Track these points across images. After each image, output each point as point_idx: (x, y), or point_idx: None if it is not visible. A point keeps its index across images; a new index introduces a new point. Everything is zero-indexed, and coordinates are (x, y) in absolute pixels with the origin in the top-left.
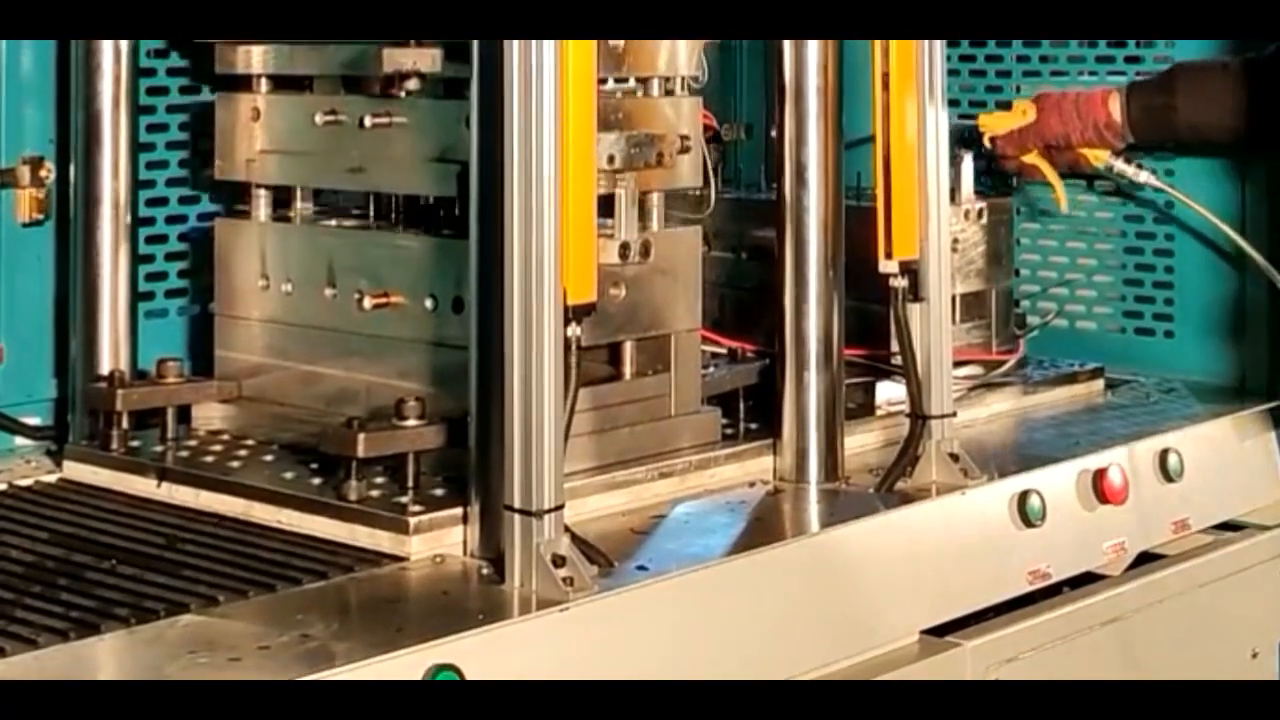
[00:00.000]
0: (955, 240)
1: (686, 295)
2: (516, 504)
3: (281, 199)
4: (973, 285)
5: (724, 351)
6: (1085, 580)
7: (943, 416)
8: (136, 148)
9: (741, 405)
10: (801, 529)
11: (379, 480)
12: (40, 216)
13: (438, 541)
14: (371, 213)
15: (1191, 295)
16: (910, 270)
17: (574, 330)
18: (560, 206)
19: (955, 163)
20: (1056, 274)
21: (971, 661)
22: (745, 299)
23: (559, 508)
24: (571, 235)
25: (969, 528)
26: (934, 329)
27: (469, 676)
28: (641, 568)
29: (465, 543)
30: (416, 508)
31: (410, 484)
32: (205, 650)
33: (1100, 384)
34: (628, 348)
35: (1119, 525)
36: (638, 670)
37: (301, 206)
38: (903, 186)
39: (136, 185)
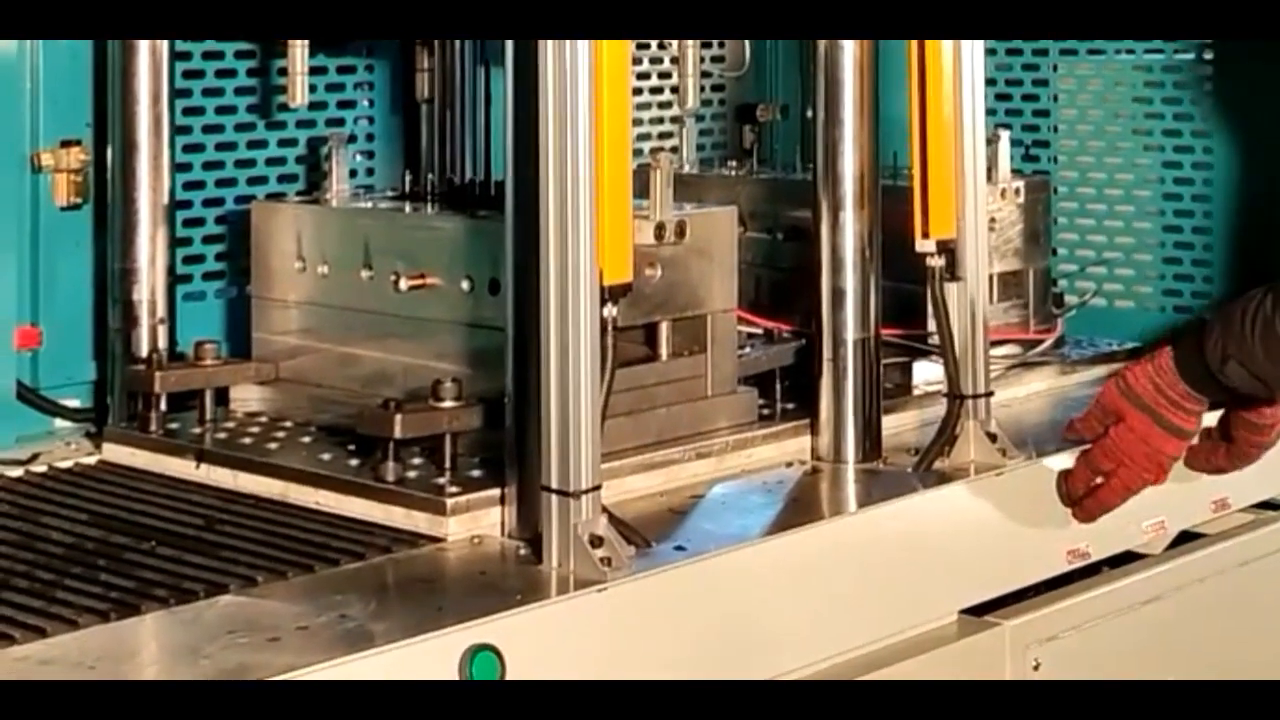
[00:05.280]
0: (992, 219)
1: (722, 275)
2: (554, 484)
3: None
4: (1010, 265)
5: (760, 332)
6: (1125, 559)
7: (980, 396)
8: (174, 131)
9: (778, 386)
10: (839, 509)
11: (416, 461)
12: (78, 200)
13: (475, 522)
14: (406, 192)
15: (1231, 273)
16: (947, 249)
17: (610, 310)
18: (596, 186)
19: (992, 142)
20: (1094, 253)
21: (1011, 641)
22: (781, 280)
23: (596, 488)
24: (607, 215)
25: (1007, 507)
26: (971, 308)
27: (507, 657)
28: (679, 548)
29: (503, 523)
30: (454, 489)
31: (447, 465)
32: (245, 631)
33: None
34: (664, 328)
35: (1158, 504)
36: (675, 650)
37: (338, 188)
38: (939, 165)
39: (174, 168)
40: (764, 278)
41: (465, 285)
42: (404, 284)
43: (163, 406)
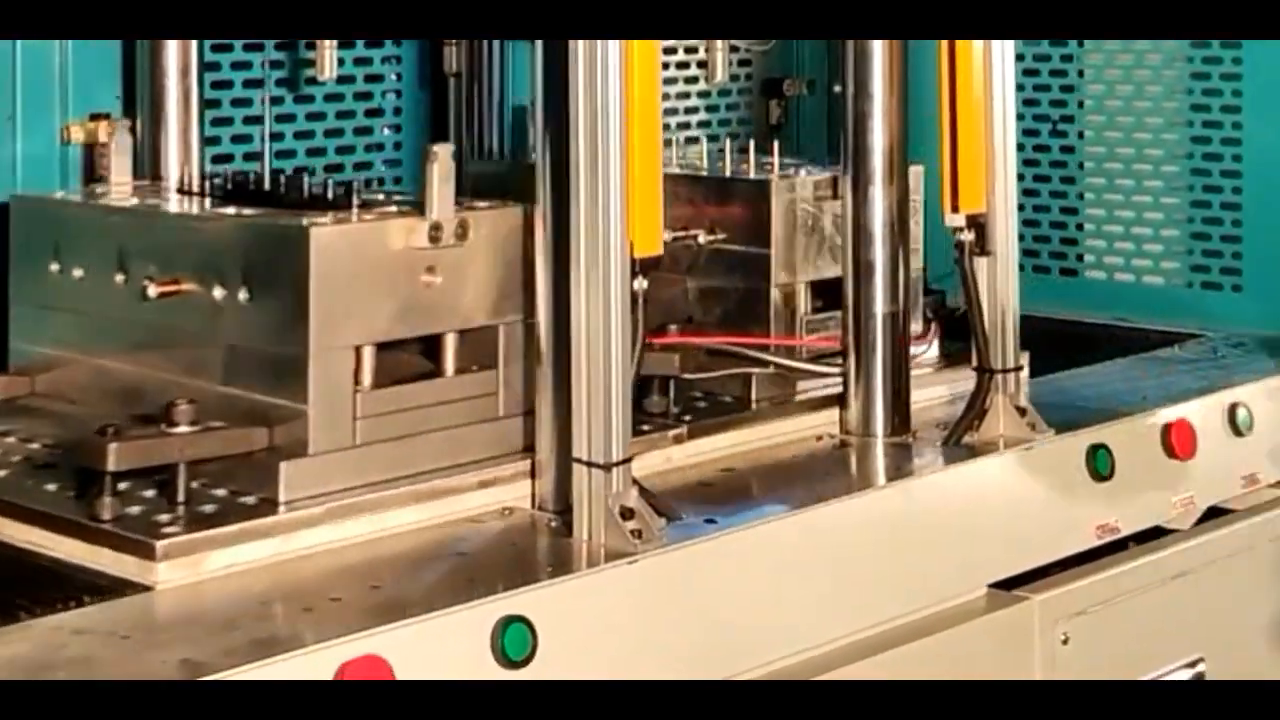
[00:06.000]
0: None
1: (516, 281)
2: (586, 457)
3: None
4: None
5: None
6: (1153, 535)
7: (1010, 370)
8: (202, 104)
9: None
10: (869, 482)
11: (149, 494)
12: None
13: (194, 567)
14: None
15: (1259, 249)
16: (977, 223)
17: (641, 283)
18: (626, 158)
19: None
20: (1122, 229)
21: (1039, 615)
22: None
23: (627, 460)
24: (637, 188)
25: (1037, 481)
26: (1001, 282)
27: (538, 628)
28: (710, 520)
29: (533, 495)
30: (172, 529)
31: (180, 499)
32: (279, 599)
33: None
34: (448, 342)
35: (1188, 479)
36: (704, 622)
37: (117, 181)
38: (969, 138)
39: (203, 142)
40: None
41: (219, 293)
42: (153, 290)
43: None
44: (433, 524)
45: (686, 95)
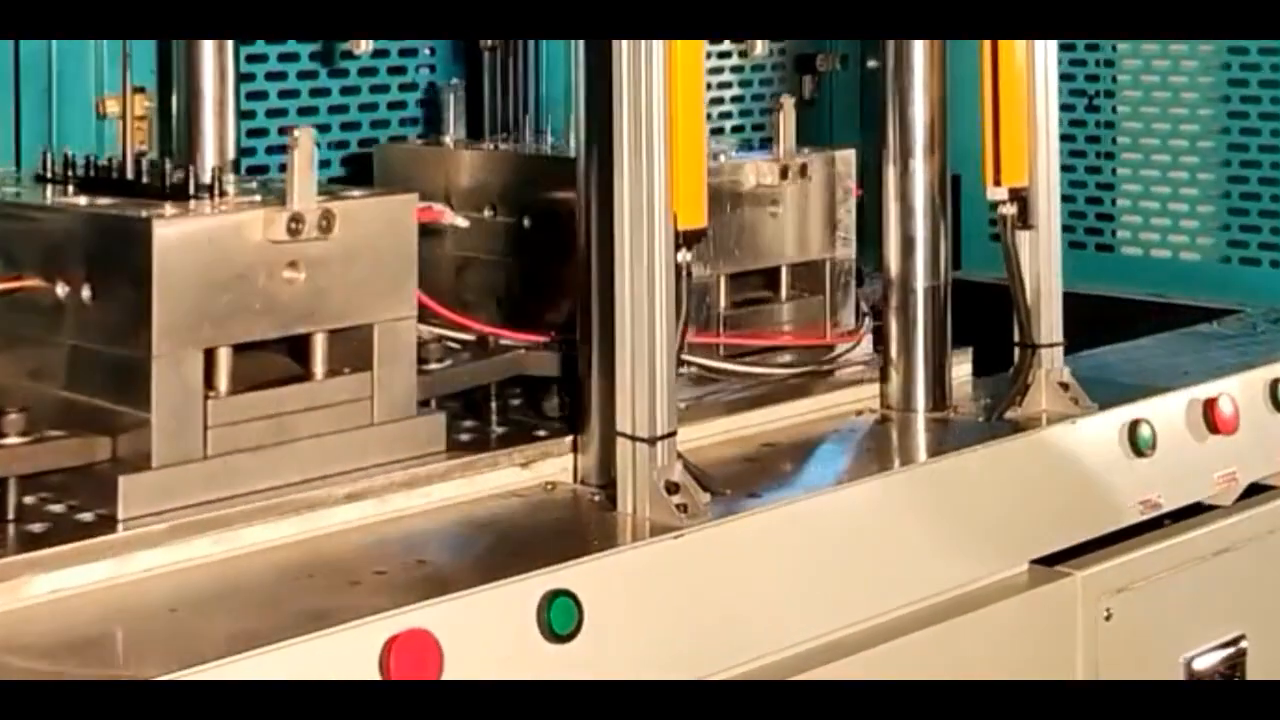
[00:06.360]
0: (774, 202)
1: (394, 276)
2: (631, 430)
3: None
4: (801, 253)
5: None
6: (1195, 511)
7: (1052, 345)
8: (238, 78)
9: (493, 405)
10: (911, 457)
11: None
12: (143, 148)
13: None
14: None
15: None
16: (1019, 197)
17: (685, 256)
18: (669, 130)
19: (774, 110)
20: (1158, 204)
21: (1082, 591)
22: (532, 275)
23: (672, 434)
24: (680, 160)
25: (1079, 457)
26: (1043, 257)
27: (584, 602)
28: (753, 495)
29: (575, 469)
30: None
31: (10, 516)
32: (323, 573)
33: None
34: (317, 342)
35: (1230, 455)
36: (748, 597)
37: None
38: (1012, 110)
39: (239, 115)
40: (512, 272)
41: (62, 290)
42: None
43: None
44: (473, 499)
45: (720, 70)
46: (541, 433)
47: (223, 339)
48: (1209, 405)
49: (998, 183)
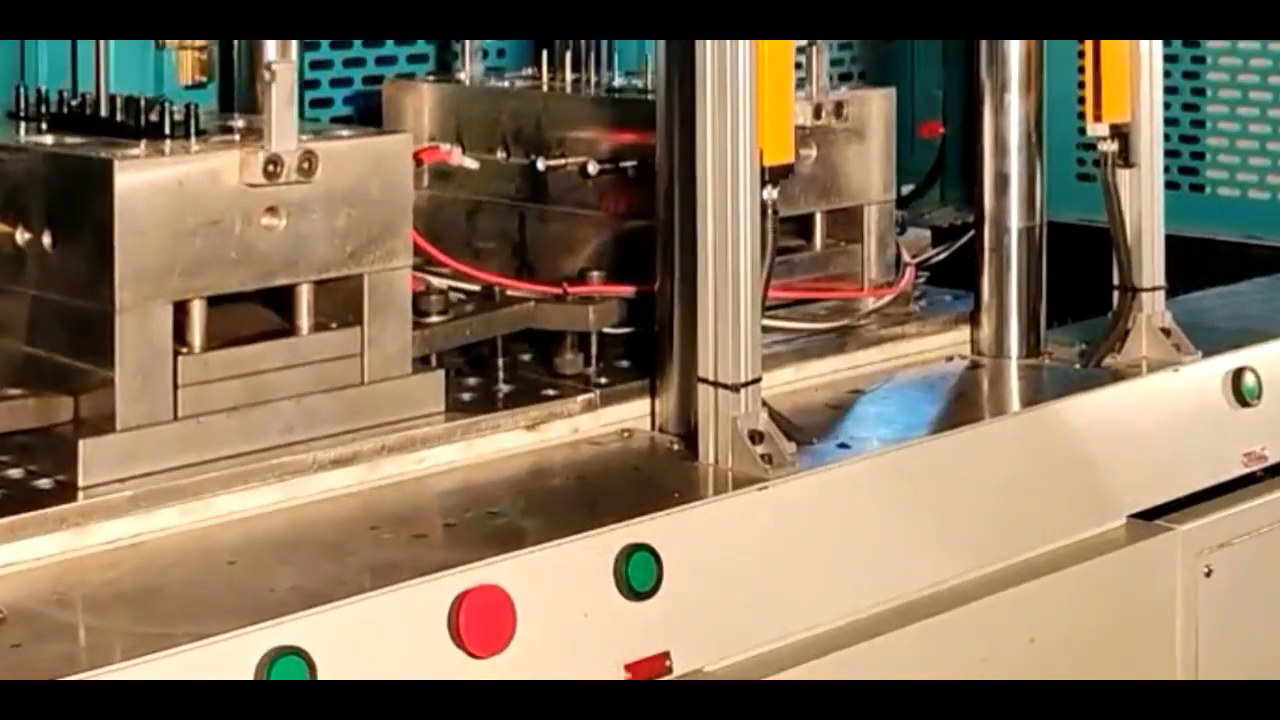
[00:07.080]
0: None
1: (399, 222)
2: (713, 377)
3: None
4: (838, 200)
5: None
6: None
7: (1154, 289)
8: None
9: (499, 361)
10: (1004, 407)
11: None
12: (203, 79)
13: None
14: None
15: None
16: (1121, 134)
17: (770, 193)
18: (756, 64)
19: (804, 50)
20: (1257, 144)
21: (1183, 546)
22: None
23: (757, 380)
24: (768, 92)
25: (1181, 407)
26: (1145, 196)
27: (664, 557)
28: (843, 446)
29: (652, 416)
30: None
31: None
32: (390, 527)
33: None
34: (302, 294)
35: None
36: (836, 553)
37: None
38: (1114, 43)
39: (302, 47)
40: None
41: (23, 237)
42: None
43: None
44: (546, 446)
45: None
46: (550, 392)
47: (194, 290)
48: None
49: (1098, 118)
